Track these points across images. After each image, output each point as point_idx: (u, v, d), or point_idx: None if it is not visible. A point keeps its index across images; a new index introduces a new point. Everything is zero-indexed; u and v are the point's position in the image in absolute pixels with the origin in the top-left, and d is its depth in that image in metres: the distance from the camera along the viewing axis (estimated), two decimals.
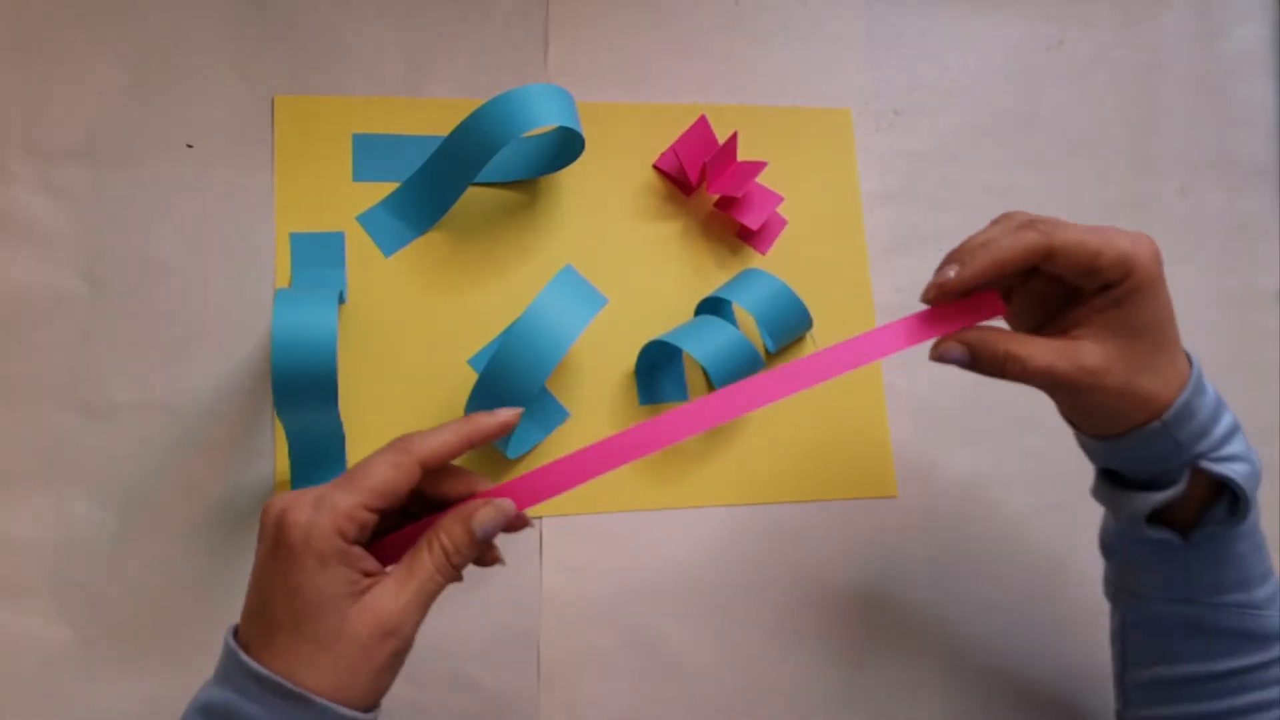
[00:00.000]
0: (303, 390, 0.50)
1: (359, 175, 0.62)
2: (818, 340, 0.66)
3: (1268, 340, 0.73)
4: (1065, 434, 0.68)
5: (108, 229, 0.59)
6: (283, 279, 0.60)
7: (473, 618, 0.58)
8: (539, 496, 0.42)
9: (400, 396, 0.60)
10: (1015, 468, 0.67)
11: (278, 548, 0.38)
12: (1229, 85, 0.77)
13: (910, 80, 0.72)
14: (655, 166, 0.67)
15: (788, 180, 0.67)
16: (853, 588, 0.63)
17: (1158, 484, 0.46)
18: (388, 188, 0.63)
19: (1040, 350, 0.44)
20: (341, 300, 0.60)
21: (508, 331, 0.57)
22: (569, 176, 0.65)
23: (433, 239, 0.63)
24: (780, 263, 0.66)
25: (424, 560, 0.40)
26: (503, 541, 0.59)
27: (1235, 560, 0.47)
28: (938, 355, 0.46)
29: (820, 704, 0.61)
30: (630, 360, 0.63)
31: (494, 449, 0.60)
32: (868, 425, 0.66)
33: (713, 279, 0.65)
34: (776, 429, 0.64)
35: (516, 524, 0.42)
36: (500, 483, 0.43)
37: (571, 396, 0.62)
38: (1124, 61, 0.76)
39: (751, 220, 0.65)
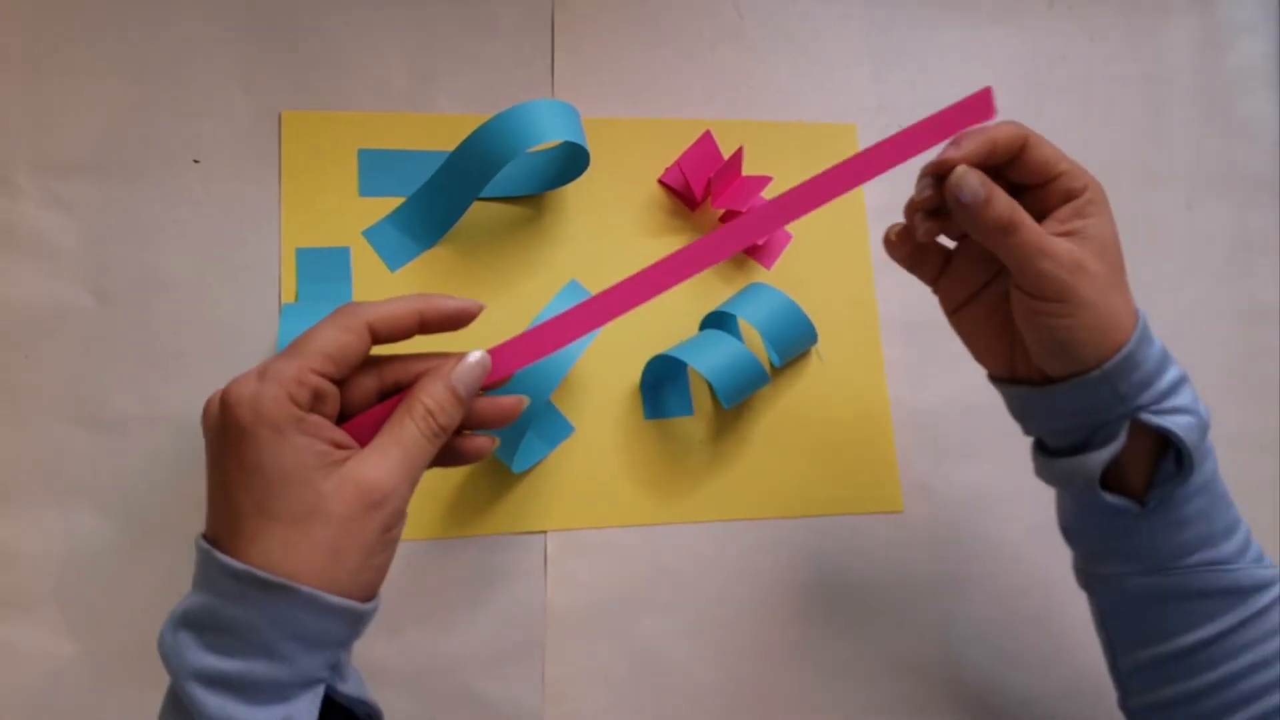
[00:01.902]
0: None
1: (365, 190, 0.63)
2: (823, 356, 0.66)
3: (1272, 354, 0.73)
4: None
5: (114, 243, 0.60)
6: (289, 294, 0.60)
7: (478, 632, 0.58)
8: (520, 360, 0.40)
9: None
10: (1021, 483, 0.66)
11: (226, 430, 0.35)
12: (1233, 99, 0.77)
13: (914, 95, 0.72)
14: (660, 181, 0.67)
15: None
16: (857, 603, 0.63)
17: (1093, 445, 0.44)
18: (393, 202, 0.63)
19: (1039, 228, 0.42)
20: None
21: None
22: (574, 191, 0.65)
23: (438, 254, 0.63)
24: (785, 277, 0.66)
25: (406, 424, 0.37)
26: (507, 558, 0.60)
27: (1195, 518, 0.44)
28: (955, 183, 0.42)
29: (823, 718, 0.61)
30: (635, 375, 0.63)
31: (499, 463, 0.60)
32: (873, 440, 0.65)
33: (717, 294, 0.65)
34: (781, 444, 0.64)
35: (501, 413, 0.40)
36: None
37: (576, 411, 0.62)
38: (1128, 75, 0.76)
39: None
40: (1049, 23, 0.76)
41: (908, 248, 0.48)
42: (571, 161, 0.63)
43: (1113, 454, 0.43)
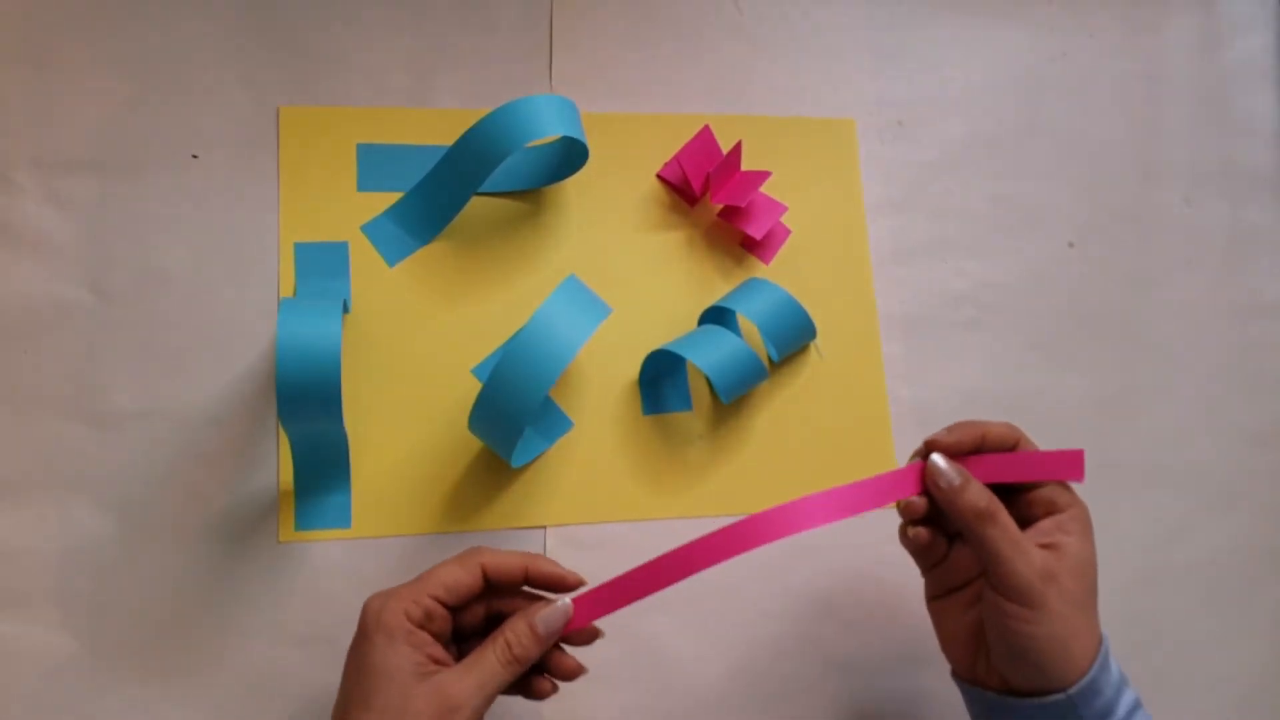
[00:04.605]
0: (307, 399, 0.50)
1: (363, 185, 0.63)
2: (822, 351, 0.66)
3: (1271, 350, 0.73)
4: (1068, 443, 0.68)
5: (113, 239, 0.60)
6: (287, 289, 0.60)
7: None
8: (599, 610, 0.46)
9: (404, 406, 0.60)
10: None
11: (359, 635, 0.43)
12: (1232, 95, 0.77)
13: (914, 91, 0.72)
14: (659, 176, 0.67)
15: (791, 190, 0.68)
16: (857, 598, 0.63)
17: None
18: (392, 197, 0.63)
19: (1018, 530, 0.45)
20: (345, 310, 0.60)
21: (511, 341, 0.57)
22: (573, 186, 0.65)
23: (437, 249, 0.63)
24: (784, 272, 0.66)
25: (488, 651, 0.43)
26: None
27: None
28: (931, 469, 0.47)
29: (825, 715, 0.61)
30: (634, 370, 0.63)
31: (498, 458, 0.60)
32: (871, 435, 0.66)
33: (716, 289, 0.65)
34: (780, 439, 0.64)
35: (582, 636, 0.47)
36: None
37: (575, 406, 0.62)
38: (1127, 72, 0.76)
39: (755, 230, 0.65)
40: (1049, 18, 0.76)
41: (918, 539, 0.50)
42: (570, 156, 0.63)
43: None
